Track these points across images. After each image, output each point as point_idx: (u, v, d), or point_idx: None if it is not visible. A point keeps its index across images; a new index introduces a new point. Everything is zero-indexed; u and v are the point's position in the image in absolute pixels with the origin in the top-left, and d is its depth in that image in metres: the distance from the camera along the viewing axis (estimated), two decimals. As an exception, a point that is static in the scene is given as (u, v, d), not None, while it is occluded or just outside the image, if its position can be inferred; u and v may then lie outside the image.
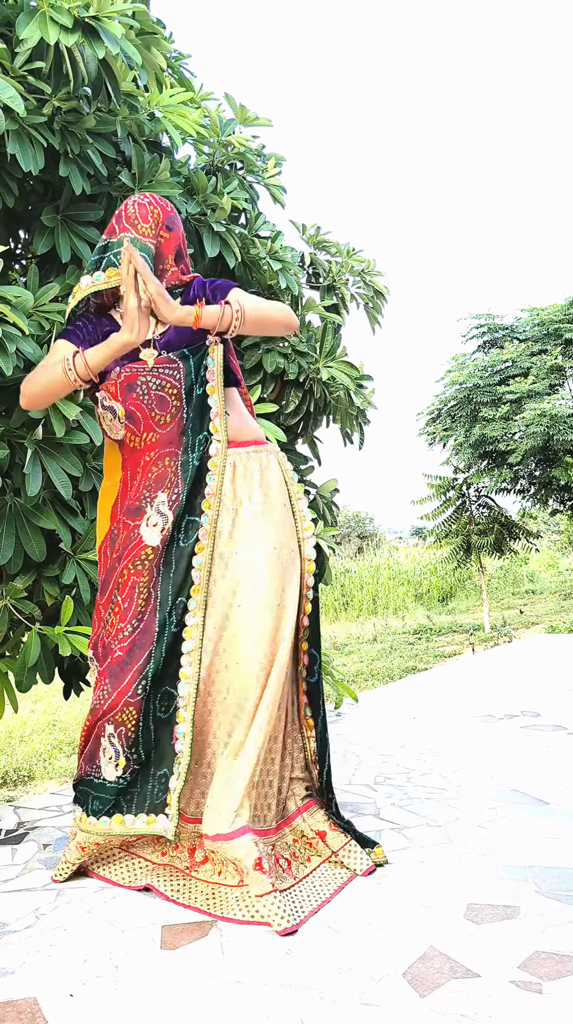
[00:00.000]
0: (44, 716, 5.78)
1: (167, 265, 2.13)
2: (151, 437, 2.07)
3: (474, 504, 10.40)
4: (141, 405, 2.05)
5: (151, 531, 2.04)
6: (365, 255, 3.70)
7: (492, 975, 1.53)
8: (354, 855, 2.04)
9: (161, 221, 2.12)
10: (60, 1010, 1.48)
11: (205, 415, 2.06)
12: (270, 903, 1.77)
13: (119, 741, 2.00)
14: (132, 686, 1.99)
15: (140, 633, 2.01)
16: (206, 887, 1.92)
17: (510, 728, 3.49)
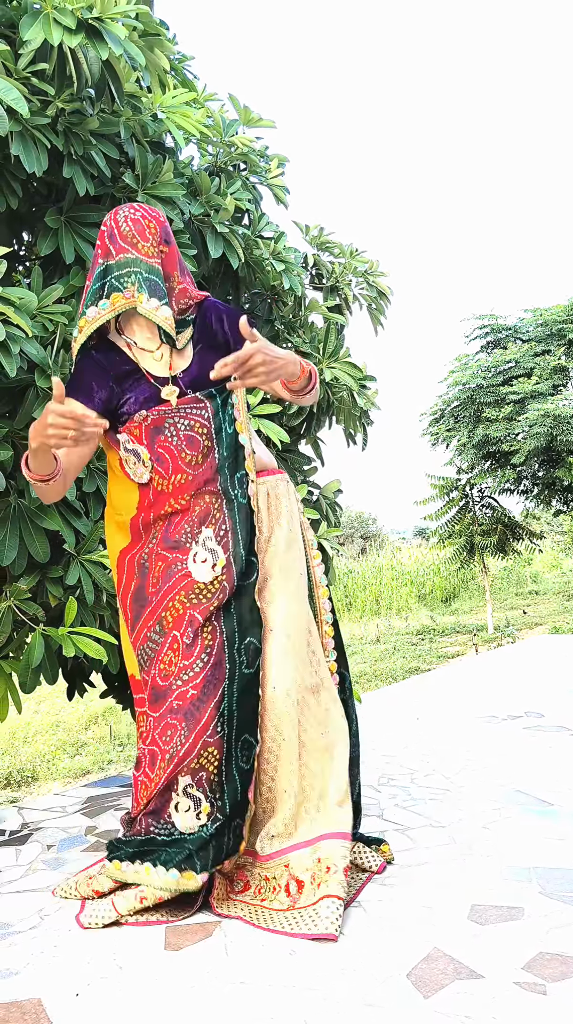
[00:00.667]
0: (48, 717, 5.79)
1: (175, 282, 2.02)
2: (180, 479, 1.99)
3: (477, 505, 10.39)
4: (170, 448, 1.98)
5: (201, 567, 1.96)
6: (368, 256, 3.70)
7: (496, 976, 1.53)
8: (366, 855, 2.05)
9: (159, 235, 2.00)
10: (64, 1011, 1.48)
11: (239, 454, 2.03)
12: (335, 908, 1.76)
13: (199, 789, 1.86)
14: (211, 725, 1.87)
15: (213, 668, 1.91)
16: (250, 908, 1.85)
17: (513, 729, 3.49)
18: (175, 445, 1.99)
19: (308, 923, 1.75)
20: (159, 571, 2.00)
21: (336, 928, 1.72)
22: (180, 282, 2.03)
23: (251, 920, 1.80)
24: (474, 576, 13.46)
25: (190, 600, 1.95)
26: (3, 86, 2.12)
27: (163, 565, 2.00)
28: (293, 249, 3.34)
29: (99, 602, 2.50)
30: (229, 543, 1.98)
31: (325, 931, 1.71)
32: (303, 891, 1.83)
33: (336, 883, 1.80)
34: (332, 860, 1.84)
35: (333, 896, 1.78)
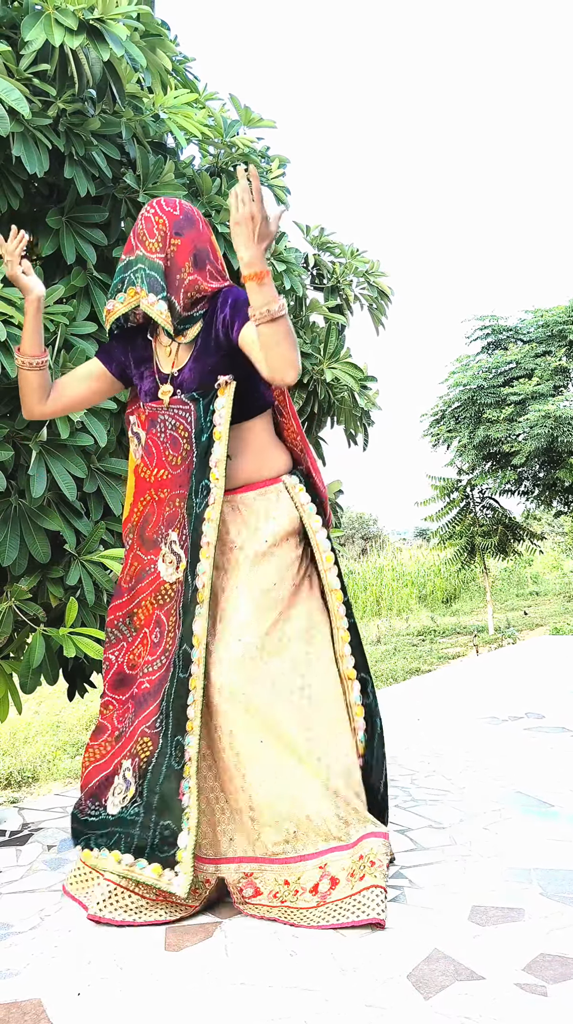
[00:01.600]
0: (48, 717, 5.79)
1: (184, 275, 2.02)
2: (161, 474, 2.08)
3: (478, 506, 10.39)
4: (158, 442, 2.07)
5: (168, 568, 2.06)
6: (369, 256, 3.70)
7: (497, 977, 1.53)
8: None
9: (168, 231, 2.02)
10: (64, 1011, 1.48)
11: (208, 461, 1.99)
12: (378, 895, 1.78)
13: (133, 774, 1.97)
14: (152, 718, 1.98)
15: (165, 669, 2.00)
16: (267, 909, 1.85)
17: (514, 730, 3.49)
18: (161, 441, 2.07)
19: (349, 912, 1.77)
20: (133, 570, 2.14)
21: (381, 912, 1.74)
22: (191, 273, 2.02)
23: (282, 918, 1.82)
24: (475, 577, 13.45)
25: (158, 601, 2.08)
26: (4, 87, 2.13)
27: (138, 565, 2.13)
28: (294, 249, 3.34)
29: (100, 602, 2.50)
30: (188, 550, 2.00)
31: (374, 916, 1.74)
32: (337, 887, 1.83)
33: (379, 874, 1.81)
34: (375, 855, 1.84)
35: (376, 886, 1.79)
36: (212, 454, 1.98)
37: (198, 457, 2.01)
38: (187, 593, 1.97)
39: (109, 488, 2.56)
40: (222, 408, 1.99)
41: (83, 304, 2.59)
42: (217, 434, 1.99)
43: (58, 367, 2.35)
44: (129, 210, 2.71)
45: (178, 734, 1.90)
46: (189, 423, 2.03)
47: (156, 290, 1.97)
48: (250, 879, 1.90)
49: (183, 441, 2.04)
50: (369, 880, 1.80)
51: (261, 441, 2.11)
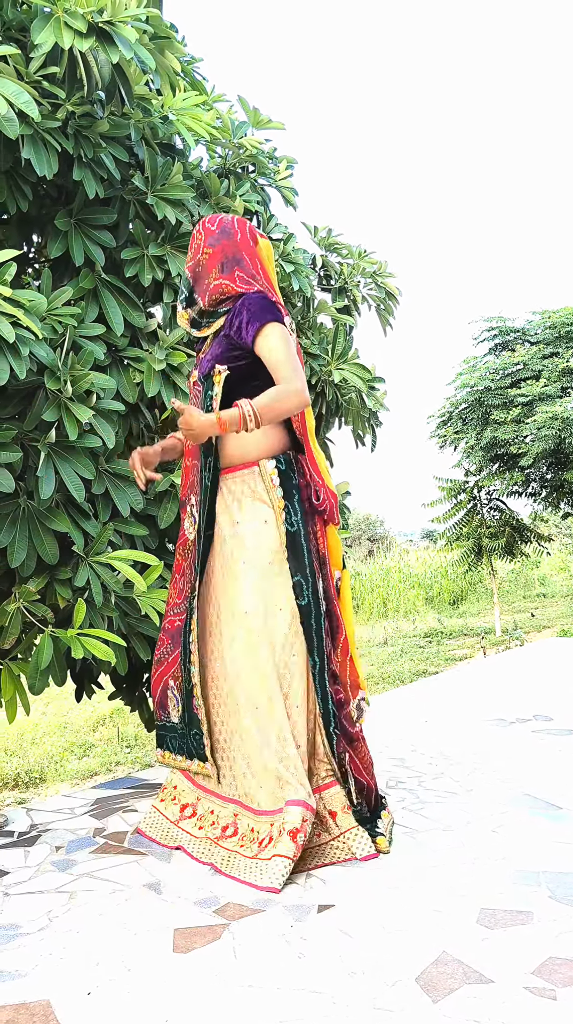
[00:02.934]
0: (55, 718, 5.79)
1: (211, 279, 2.28)
2: (189, 443, 2.35)
3: (485, 507, 10.36)
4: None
5: (190, 527, 2.37)
6: (376, 257, 3.70)
7: (505, 981, 1.52)
8: (359, 839, 2.16)
9: (202, 242, 2.30)
10: (73, 1013, 1.48)
11: (210, 440, 2.24)
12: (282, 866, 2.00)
13: (177, 692, 2.35)
14: (182, 651, 2.31)
15: (187, 614, 2.31)
16: (226, 853, 2.14)
17: (522, 732, 3.48)
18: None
19: (256, 874, 2.02)
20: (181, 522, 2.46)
21: (279, 883, 1.97)
22: (217, 278, 2.27)
23: (221, 868, 2.09)
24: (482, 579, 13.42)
25: (185, 554, 2.40)
26: (14, 89, 2.13)
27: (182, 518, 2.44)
28: (302, 250, 3.35)
29: (107, 604, 2.50)
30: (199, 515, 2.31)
31: (267, 884, 1.97)
32: (265, 847, 2.08)
33: (284, 845, 2.03)
34: (288, 824, 2.06)
35: (281, 856, 2.01)
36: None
37: None
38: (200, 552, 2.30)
39: (117, 490, 2.57)
40: (215, 395, 2.20)
41: (91, 306, 2.60)
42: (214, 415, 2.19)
43: (66, 368, 2.35)
44: (137, 212, 2.72)
45: (187, 662, 2.28)
46: (199, 402, 2.29)
47: (180, 295, 2.35)
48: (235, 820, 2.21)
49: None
50: (275, 849, 2.04)
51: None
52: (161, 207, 2.64)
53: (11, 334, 2.13)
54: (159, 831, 2.35)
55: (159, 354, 2.62)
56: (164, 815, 2.37)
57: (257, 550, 2.22)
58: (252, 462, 2.27)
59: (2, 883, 2.10)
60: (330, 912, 1.86)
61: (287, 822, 2.07)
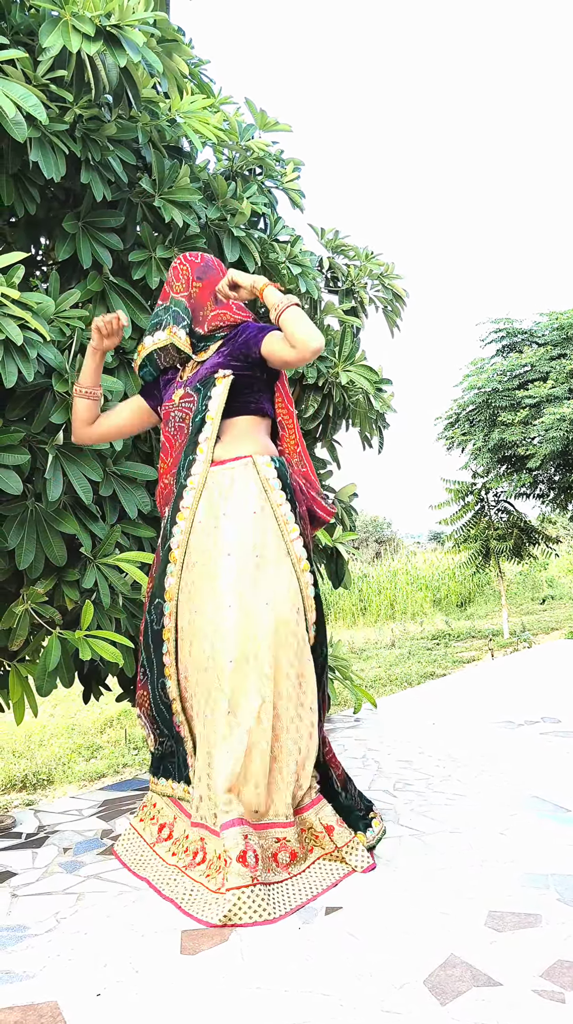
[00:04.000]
0: (63, 720, 5.80)
1: (206, 312, 2.32)
2: (169, 460, 2.31)
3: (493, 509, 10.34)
4: (169, 436, 2.31)
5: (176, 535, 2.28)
6: (384, 259, 3.70)
7: (514, 983, 1.52)
8: (357, 853, 2.10)
9: (190, 275, 2.33)
10: (81, 1014, 1.48)
11: (197, 438, 2.22)
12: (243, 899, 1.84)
13: (144, 720, 2.30)
14: (140, 671, 2.28)
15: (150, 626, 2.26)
16: (190, 884, 1.98)
17: (530, 734, 3.47)
18: (172, 435, 2.31)
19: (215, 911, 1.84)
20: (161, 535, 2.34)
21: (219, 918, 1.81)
22: (213, 309, 2.32)
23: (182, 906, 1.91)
24: (489, 581, 13.39)
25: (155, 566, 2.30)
26: (22, 93, 2.14)
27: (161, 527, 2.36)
28: (309, 252, 3.35)
29: (115, 605, 2.51)
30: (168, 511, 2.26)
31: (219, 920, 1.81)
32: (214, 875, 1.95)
33: (233, 873, 1.89)
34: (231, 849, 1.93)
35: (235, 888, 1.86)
36: (202, 431, 2.21)
37: (190, 435, 2.24)
38: (162, 552, 2.22)
39: (124, 492, 2.57)
40: (217, 396, 2.21)
41: (99, 308, 2.61)
42: (209, 416, 2.21)
43: (73, 371, 2.36)
44: (145, 214, 2.72)
45: (161, 677, 2.21)
46: (190, 410, 2.26)
47: (179, 322, 2.29)
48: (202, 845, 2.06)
49: (185, 426, 2.27)
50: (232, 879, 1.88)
51: (246, 431, 2.26)
52: (168, 210, 2.65)
53: (19, 336, 2.14)
54: (133, 855, 2.20)
55: (166, 356, 2.62)
56: (142, 836, 2.26)
57: (241, 542, 2.11)
58: (245, 455, 2.22)
59: (10, 884, 2.11)
60: (337, 914, 1.86)
61: (229, 848, 1.93)
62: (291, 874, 2.01)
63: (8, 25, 2.41)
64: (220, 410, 2.20)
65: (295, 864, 2.04)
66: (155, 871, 2.09)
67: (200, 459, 2.20)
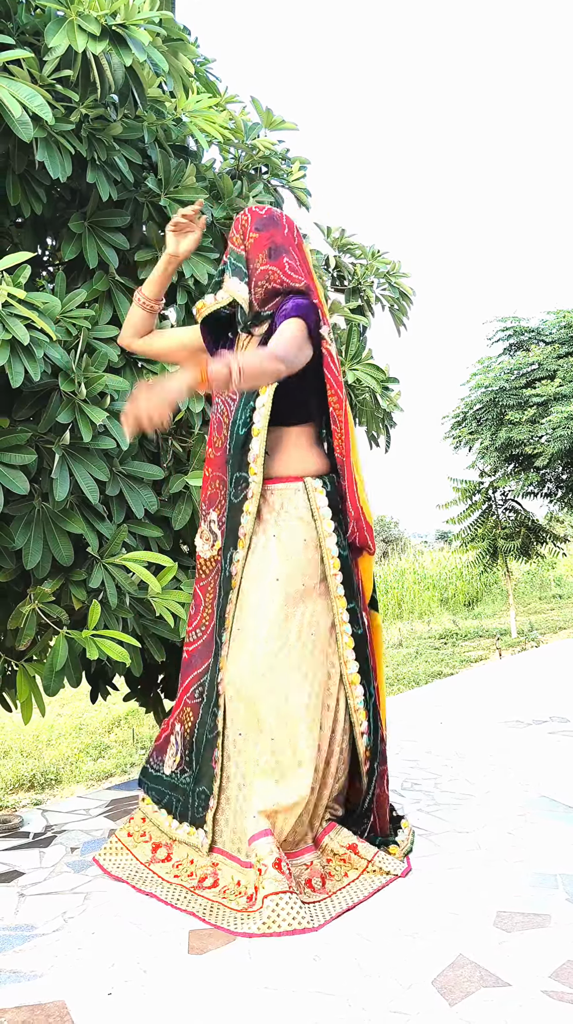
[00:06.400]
0: (71, 720, 5.81)
1: (257, 264, 2.17)
2: (210, 452, 2.25)
3: (500, 508, 10.31)
4: (213, 420, 2.27)
5: (203, 545, 2.25)
6: (390, 257, 3.69)
7: (523, 984, 1.51)
8: (389, 860, 2.06)
9: (249, 226, 2.20)
10: (88, 1014, 1.48)
11: (245, 456, 2.11)
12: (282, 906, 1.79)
13: (180, 740, 2.19)
14: (191, 688, 2.18)
15: (204, 644, 2.20)
16: (206, 902, 1.92)
17: (538, 734, 3.45)
18: (214, 421, 2.26)
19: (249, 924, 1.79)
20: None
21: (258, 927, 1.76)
22: (264, 263, 2.16)
23: (205, 917, 1.85)
24: (497, 580, 13.35)
25: (199, 574, 2.26)
26: (28, 93, 2.14)
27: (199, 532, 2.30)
28: (315, 251, 3.34)
29: (122, 605, 2.50)
30: (223, 531, 2.18)
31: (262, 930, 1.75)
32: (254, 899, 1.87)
33: (270, 879, 1.85)
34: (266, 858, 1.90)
35: (272, 894, 1.82)
36: (250, 449, 2.10)
37: (233, 447, 2.14)
38: (223, 575, 2.15)
39: (131, 491, 2.57)
40: (262, 407, 2.10)
41: (105, 308, 2.61)
42: (255, 430, 2.10)
43: (80, 370, 2.36)
44: (151, 214, 2.72)
45: (213, 705, 2.09)
46: (230, 410, 2.20)
47: (239, 275, 2.17)
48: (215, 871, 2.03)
49: (224, 427, 2.21)
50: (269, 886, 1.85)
51: (294, 444, 2.18)
52: (174, 209, 2.64)
53: (25, 336, 2.14)
54: (127, 871, 2.10)
55: (173, 356, 2.62)
56: (133, 854, 2.16)
57: (291, 571, 2.08)
58: (296, 477, 2.15)
59: (18, 884, 2.11)
60: (345, 914, 1.85)
61: (263, 856, 1.90)
62: (329, 892, 1.94)
63: (14, 25, 2.41)
64: (266, 422, 2.09)
65: (331, 883, 1.97)
66: (159, 888, 2.01)
67: (252, 481, 2.10)
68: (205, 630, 2.21)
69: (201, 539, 2.26)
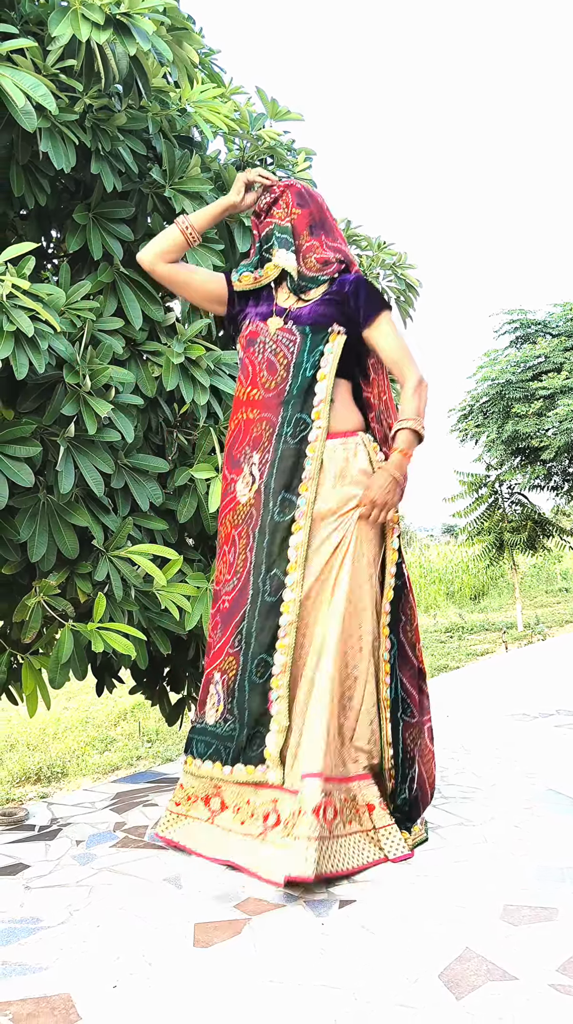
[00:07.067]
0: (77, 713, 5.82)
1: (302, 240, 2.29)
2: (255, 394, 2.22)
3: (507, 501, 10.29)
4: (254, 361, 2.24)
5: (244, 488, 2.22)
6: (396, 248, 3.67)
7: (530, 978, 1.50)
8: (392, 839, 2.09)
9: (291, 201, 2.31)
10: (94, 1006, 1.48)
11: (309, 399, 2.17)
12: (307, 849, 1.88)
13: (221, 688, 2.18)
14: (232, 637, 2.17)
15: (239, 591, 2.18)
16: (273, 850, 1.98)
17: (545, 727, 3.45)
18: (258, 361, 2.24)
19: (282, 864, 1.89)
20: (223, 488, 2.30)
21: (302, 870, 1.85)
22: (308, 240, 2.29)
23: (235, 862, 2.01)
24: (503, 573, 13.34)
25: (233, 520, 2.23)
26: (32, 83, 2.13)
27: (224, 483, 2.29)
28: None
29: (128, 598, 2.50)
30: (265, 473, 2.17)
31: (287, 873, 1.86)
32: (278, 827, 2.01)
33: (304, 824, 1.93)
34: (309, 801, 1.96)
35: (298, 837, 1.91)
36: (316, 393, 2.17)
37: (296, 388, 2.18)
38: (269, 517, 2.15)
39: (136, 484, 2.56)
40: (330, 353, 2.18)
41: (110, 300, 2.59)
42: (322, 375, 2.17)
43: (85, 362, 2.35)
44: (155, 205, 2.71)
45: (262, 653, 2.11)
46: (290, 352, 2.20)
47: (286, 246, 2.27)
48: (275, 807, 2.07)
49: (280, 368, 2.20)
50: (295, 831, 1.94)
51: (348, 401, 2.26)
52: (179, 200, 2.63)
53: (30, 328, 2.13)
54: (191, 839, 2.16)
55: (178, 348, 2.60)
56: (190, 816, 2.20)
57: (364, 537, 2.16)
58: (351, 431, 2.23)
59: (23, 877, 2.11)
60: (352, 907, 1.85)
61: (306, 799, 1.96)
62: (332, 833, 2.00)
63: (17, 14, 2.39)
64: (334, 370, 2.17)
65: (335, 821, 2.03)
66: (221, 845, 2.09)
67: (315, 426, 2.16)
68: (239, 577, 2.19)
69: (241, 483, 2.22)
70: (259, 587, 2.13)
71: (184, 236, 2.30)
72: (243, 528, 2.20)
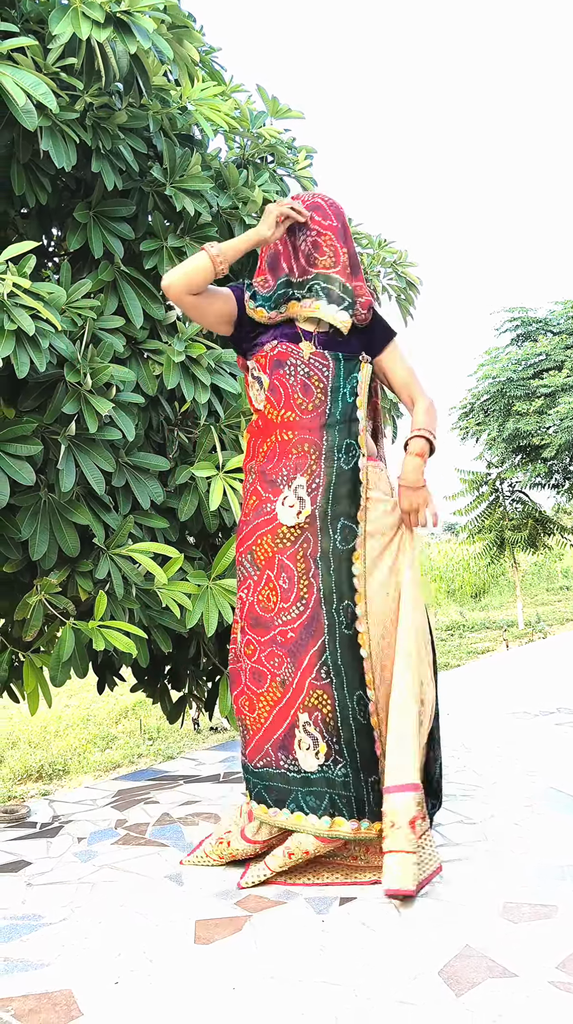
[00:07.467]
0: (78, 711, 5.83)
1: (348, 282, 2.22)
2: (289, 416, 2.15)
3: (508, 499, 10.28)
4: (285, 383, 2.16)
5: (287, 511, 2.10)
6: (397, 246, 3.67)
7: (530, 975, 1.51)
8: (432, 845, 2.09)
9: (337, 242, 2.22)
10: (95, 1003, 1.48)
11: (353, 426, 2.14)
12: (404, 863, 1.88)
13: (316, 728, 2.02)
14: (314, 668, 2.04)
15: (309, 619, 2.06)
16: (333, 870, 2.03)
17: (545, 725, 3.45)
18: (290, 384, 2.16)
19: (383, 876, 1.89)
20: (252, 505, 2.18)
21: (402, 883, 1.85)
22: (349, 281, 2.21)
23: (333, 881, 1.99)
24: (504, 571, 13.32)
25: (276, 544, 2.11)
26: (32, 81, 2.13)
27: (257, 501, 2.17)
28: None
29: (129, 596, 2.50)
30: (318, 497, 2.10)
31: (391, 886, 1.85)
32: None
33: (401, 838, 1.91)
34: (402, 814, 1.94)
35: (394, 851, 1.89)
36: (358, 420, 2.15)
37: (339, 414, 2.14)
38: (328, 544, 2.08)
39: (137, 482, 2.56)
40: (363, 381, 2.18)
41: (111, 298, 2.60)
42: (360, 402, 2.16)
43: (86, 361, 2.35)
44: (156, 203, 2.71)
45: (359, 689, 2.04)
46: (325, 376, 2.16)
47: (338, 302, 2.17)
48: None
49: (317, 391, 2.15)
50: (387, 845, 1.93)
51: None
52: (180, 198, 2.63)
53: (31, 327, 2.13)
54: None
55: (178, 346, 2.61)
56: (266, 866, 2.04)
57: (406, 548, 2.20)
58: (374, 456, 2.26)
59: (25, 873, 2.11)
60: (352, 904, 1.85)
61: (400, 811, 1.93)
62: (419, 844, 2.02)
63: (18, 13, 2.39)
64: (366, 399, 2.19)
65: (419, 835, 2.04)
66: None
67: (360, 453, 2.14)
68: (306, 603, 2.07)
69: (283, 505, 2.11)
70: (334, 618, 2.05)
71: (214, 266, 2.13)
72: (296, 552, 2.09)
